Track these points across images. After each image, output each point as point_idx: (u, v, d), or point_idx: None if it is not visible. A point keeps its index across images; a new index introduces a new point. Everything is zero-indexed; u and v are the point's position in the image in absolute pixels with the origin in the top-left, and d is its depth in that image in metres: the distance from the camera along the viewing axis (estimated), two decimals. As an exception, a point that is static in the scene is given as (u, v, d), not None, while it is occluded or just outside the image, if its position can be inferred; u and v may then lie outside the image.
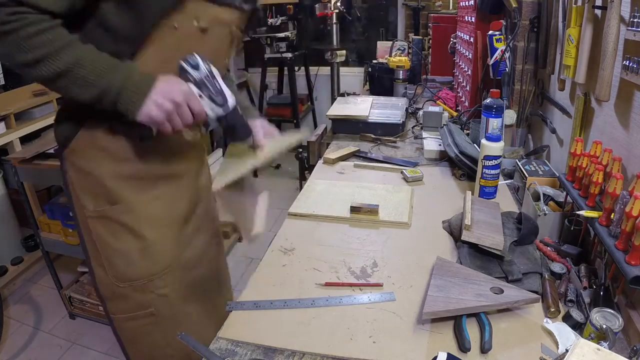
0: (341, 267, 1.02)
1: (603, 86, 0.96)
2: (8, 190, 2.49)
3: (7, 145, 2.36)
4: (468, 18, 2.05)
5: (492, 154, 1.23)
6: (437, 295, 0.85)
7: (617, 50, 0.94)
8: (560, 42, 1.35)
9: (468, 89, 2.00)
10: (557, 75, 1.40)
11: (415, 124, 1.99)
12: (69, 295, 2.21)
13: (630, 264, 0.75)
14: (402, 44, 2.63)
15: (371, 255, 1.06)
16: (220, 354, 0.78)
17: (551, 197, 1.16)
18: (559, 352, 0.76)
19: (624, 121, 0.97)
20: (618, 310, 0.81)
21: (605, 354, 0.62)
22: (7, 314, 2.29)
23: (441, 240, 1.13)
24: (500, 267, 0.97)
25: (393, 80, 2.36)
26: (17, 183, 1.99)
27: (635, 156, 0.93)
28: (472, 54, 1.92)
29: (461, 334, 0.79)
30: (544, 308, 0.87)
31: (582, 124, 1.19)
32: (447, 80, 2.71)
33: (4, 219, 2.47)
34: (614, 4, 0.93)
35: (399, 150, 1.74)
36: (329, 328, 0.84)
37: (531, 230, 1.05)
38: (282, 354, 0.79)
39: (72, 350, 2.09)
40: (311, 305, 0.89)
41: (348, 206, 1.23)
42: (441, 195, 1.37)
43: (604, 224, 0.87)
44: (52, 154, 1.97)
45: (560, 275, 0.95)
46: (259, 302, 0.90)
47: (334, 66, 3.73)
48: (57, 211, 2.06)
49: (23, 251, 2.58)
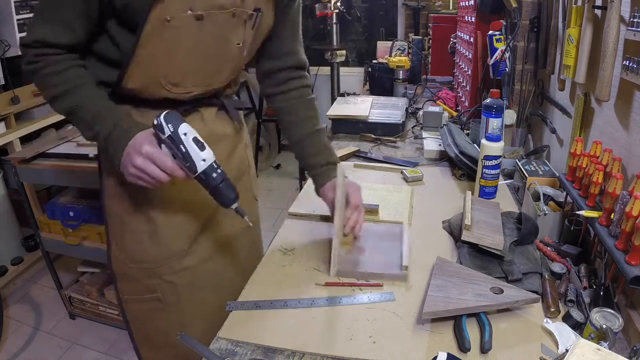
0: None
1: (603, 86, 0.96)
2: (8, 190, 2.49)
3: (7, 145, 2.36)
4: (468, 18, 2.05)
5: (492, 154, 1.23)
6: (437, 295, 0.85)
7: (617, 50, 0.94)
8: (560, 42, 1.35)
9: (468, 89, 2.00)
10: (557, 75, 1.40)
11: (415, 124, 1.99)
12: (69, 295, 2.21)
13: (630, 264, 0.75)
14: (402, 44, 2.63)
15: (371, 255, 1.06)
16: (220, 354, 0.78)
17: (551, 197, 1.16)
18: (559, 352, 0.76)
19: (624, 121, 0.97)
20: (618, 310, 0.81)
21: (605, 354, 0.62)
22: (7, 314, 2.29)
23: (441, 240, 1.13)
24: (500, 267, 0.97)
25: (393, 80, 2.36)
26: (17, 183, 1.99)
27: (635, 156, 0.93)
28: (472, 54, 1.92)
29: (461, 334, 0.79)
30: (544, 308, 0.87)
31: (582, 124, 1.19)
32: (447, 80, 2.71)
33: (4, 219, 2.47)
34: (614, 4, 0.93)
35: (399, 150, 1.74)
36: (329, 328, 0.84)
37: (531, 230, 1.05)
38: (282, 354, 0.79)
39: (72, 350, 2.09)
40: (311, 305, 0.89)
41: (348, 206, 1.23)
42: (441, 195, 1.37)
43: (604, 224, 0.87)
44: (52, 154, 1.98)
45: (560, 275, 0.95)
46: (259, 302, 0.90)
47: (334, 66, 3.72)
48: (57, 211, 2.06)
49: (23, 251, 2.58)
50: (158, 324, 1.10)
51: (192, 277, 1.08)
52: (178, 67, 0.92)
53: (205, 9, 0.87)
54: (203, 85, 0.99)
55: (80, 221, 2.02)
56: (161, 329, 1.10)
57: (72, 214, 2.03)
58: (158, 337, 1.12)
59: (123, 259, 1.05)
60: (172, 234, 1.03)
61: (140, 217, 1.01)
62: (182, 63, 0.92)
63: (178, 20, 0.85)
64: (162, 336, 1.11)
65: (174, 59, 0.90)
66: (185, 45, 0.89)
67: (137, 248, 1.03)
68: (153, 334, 1.12)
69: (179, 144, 0.84)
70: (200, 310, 1.11)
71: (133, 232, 1.02)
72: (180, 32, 0.87)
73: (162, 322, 1.09)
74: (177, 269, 1.05)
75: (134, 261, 1.04)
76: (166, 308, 1.07)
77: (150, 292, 1.05)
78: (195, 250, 1.07)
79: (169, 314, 1.08)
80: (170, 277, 1.05)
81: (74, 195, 2.12)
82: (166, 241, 1.03)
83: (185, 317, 1.10)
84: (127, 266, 1.05)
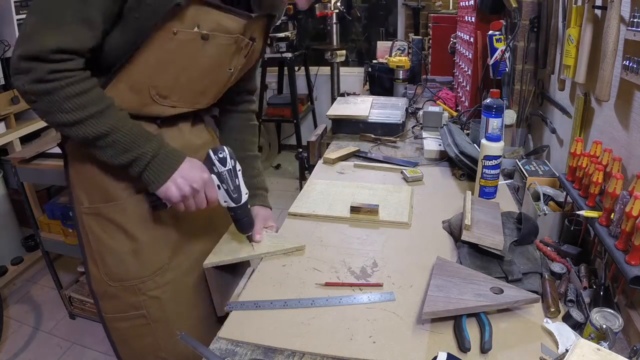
0: (341, 267, 1.02)
1: (603, 86, 0.96)
2: (8, 190, 2.49)
3: (7, 145, 2.36)
4: (468, 18, 2.05)
5: (492, 154, 1.23)
6: (437, 295, 0.85)
7: (617, 50, 0.94)
8: (560, 42, 1.35)
9: (468, 89, 2.00)
10: (557, 75, 1.40)
11: (415, 124, 1.99)
12: (69, 295, 2.21)
13: (630, 264, 0.75)
14: (402, 44, 2.63)
15: (371, 255, 1.06)
16: (220, 354, 0.78)
17: (551, 197, 1.16)
18: (559, 352, 0.76)
19: (624, 121, 0.97)
20: (618, 310, 0.81)
21: (605, 354, 0.62)
22: (7, 314, 2.29)
23: (441, 240, 1.13)
24: (500, 267, 0.97)
25: (393, 80, 2.36)
26: (17, 183, 1.99)
27: (635, 156, 0.93)
28: (472, 54, 1.92)
29: (461, 334, 0.79)
30: (544, 308, 0.87)
31: (582, 124, 1.19)
32: (447, 80, 2.71)
33: (4, 219, 2.47)
34: (614, 4, 0.93)
35: (399, 150, 1.74)
36: (329, 328, 0.84)
37: (531, 230, 1.05)
38: (282, 354, 0.79)
39: (72, 350, 2.09)
40: (311, 305, 0.89)
41: (348, 206, 1.23)
42: (441, 195, 1.37)
43: (604, 224, 0.87)
44: (52, 154, 1.98)
45: (560, 275, 0.95)
46: (259, 302, 0.90)
47: (334, 66, 3.73)
48: (57, 211, 2.06)
49: (23, 251, 2.58)
50: (144, 340, 1.06)
51: (176, 290, 1.05)
52: (169, 80, 0.92)
53: (211, 30, 0.88)
54: (189, 103, 1.00)
55: (80, 221, 2.02)
56: (148, 346, 1.06)
57: (72, 214, 2.03)
58: (146, 354, 1.08)
59: (103, 279, 1.01)
60: (155, 249, 1.01)
61: (120, 237, 0.98)
62: (175, 77, 0.91)
63: (184, 35, 0.85)
64: (151, 352, 1.07)
65: (168, 71, 0.90)
66: (182, 61, 0.90)
67: (120, 268, 0.99)
68: (140, 351, 1.08)
69: (234, 177, 0.95)
70: (187, 322, 1.08)
71: (114, 252, 0.98)
72: (182, 47, 0.87)
73: (148, 339, 1.05)
74: (161, 283, 1.02)
75: (116, 280, 1.00)
76: (152, 324, 1.04)
77: (135, 309, 1.02)
78: (177, 264, 1.05)
79: (155, 329, 1.04)
80: (155, 292, 1.02)
81: (74, 195, 2.12)
82: (150, 257, 1.01)
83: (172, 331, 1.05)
84: (108, 285, 1.01)
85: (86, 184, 0.97)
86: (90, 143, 0.84)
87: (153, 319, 1.03)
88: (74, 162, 0.99)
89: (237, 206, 0.98)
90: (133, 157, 0.86)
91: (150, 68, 0.87)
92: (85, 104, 0.79)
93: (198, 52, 0.90)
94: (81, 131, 0.81)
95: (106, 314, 1.05)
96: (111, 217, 0.97)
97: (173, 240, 1.05)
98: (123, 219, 0.97)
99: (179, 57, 0.88)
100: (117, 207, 0.97)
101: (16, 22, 2.30)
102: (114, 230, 0.98)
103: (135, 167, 0.87)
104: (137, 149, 0.85)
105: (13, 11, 2.28)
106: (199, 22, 0.86)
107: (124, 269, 0.99)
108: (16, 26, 2.31)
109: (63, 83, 0.76)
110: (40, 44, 0.73)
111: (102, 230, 0.98)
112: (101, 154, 0.86)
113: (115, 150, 0.85)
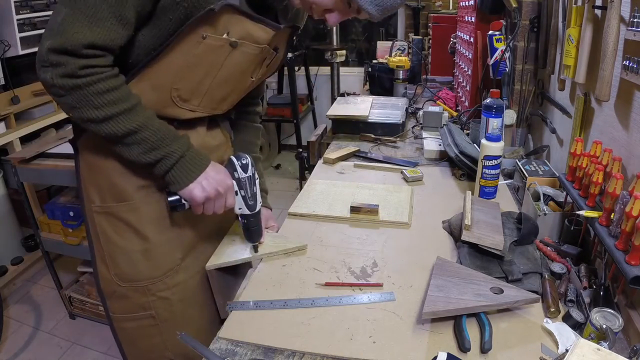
0: (341, 267, 1.02)
1: (603, 86, 0.96)
2: (8, 190, 2.49)
3: (7, 145, 2.36)
4: (468, 18, 2.05)
5: (492, 154, 1.23)
6: (437, 295, 0.85)
7: (617, 50, 0.94)
8: (560, 42, 1.35)
9: (468, 89, 2.00)
10: (557, 75, 1.40)
11: (415, 124, 1.99)
12: (69, 295, 2.21)
13: (630, 264, 0.75)
14: (402, 44, 2.63)
15: (371, 255, 1.06)
16: (220, 354, 0.78)
17: (551, 197, 1.16)
18: (559, 352, 0.76)
19: (624, 121, 0.97)
20: (618, 310, 0.81)
21: (605, 354, 0.62)
22: (7, 314, 2.29)
23: (441, 240, 1.13)
24: (500, 267, 0.97)
25: (393, 80, 2.36)
26: (17, 183, 1.99)
27: (635, 156, 0.93)
28: (472, 54, 1.92)
29: (461, 334, 0.79)
30: (544, 308, 0.87)
31: (582, 124, 1.19)
32: (447, 80, 2.71)
33: (4, 219, 2.47)
34: (614, 4, 0.93)
35: (399, 150, 1.74)
36: (329, 328, 0.84)
37: (531, 230, 1.05)
38: (282, 354, 0.79)
39: (72, 350, 2.09)
40: (311, 305, 0.89)
41: (348, 206, 1.23)
42: (441, 195, 1.37)
43: (604, 224, 0.87)
44: (52, 154, 1.98)
45: (560, 275, 0.95)
46: (259, 302, 0.90)
47: (334, 66, 3.73)
48: (57, 211, 2.06)
49: (23, 251, 2.58)
50: (152, 340, 1.06)
51: (185, 291, 1.06)
52: (192, 84, 0.91)
53: (241, 38, 0.88)
54: (209, 108, 1.00)
55: (80, 221, 2.02)
56: (155, 346, 1.07)
57: (72, 214, 2.03)
58: (153, 354, 1.08)
59: (112, 279, 1.00)
60: (166, 250, 1.01)
61: (131, 236, 0.98)
62: (198, 81, 0.91)
63: (213, 40, 0.85)
64: (157, 352, 1.07)
65: (192, 75, 0.89)
66: (208, 66, 0.89)
67: (131, 268, 0.99)
68: (146, 351, 1.08)
69: (253, 185, 0.97)
70: (194, 324, 1.08)
71: (125, 252, 0.98)
72: (209, 52, 0.87)
73: (156, 339, 1.05)
74: (171, 284, 1.02)
75: (126, 280, 1.00)
76: (160, 324, 1.03)
77: (143, 309, 1.02)
78: (187, 265, 1.05)
79: (163, 330, 1.04)
80: (165, 293, 1.02)
81: (74, 195, 2.12)
82: (161, 258, 1.01)
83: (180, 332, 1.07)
84: (117, 285, 1.00)
85: (98, 182, 0.97)
86: (117, 140, 0.83)
87: (161, 319, 1.03)
88: (86, 160, 0.98)
89: (251, 214, 0.99)
90: (161, 155, 0.85)
91: (175, 69, 0.87)
92: (116, 100, 0.79)
93: (224, 59, 0.89)
94: (110, 128, 0.80)
95: (114, 314, 1.05)
96: (123, 216, 0.97)
97: (184, 242, 1.05)
98: (135, 219, 0.97)
99: (205, 61, 0.88)
100: (129, 206, 0.96)
101: (16, 22, 2.30)
102: (126, 230, 0.98)
103: (162, 165, 0.87)
104: (164, 148, 0.85)
105: (13, 11, 2.28)
106: (230, 29, 0.85)
107: (135, 270, 0.99)
108: (16, 26, 2.30)
109: (94, 79, 0.76)
110: (74, 38, 0.72)
111: (114, 230, 0.98)
112: (128, 151, 0.84)
113: (142, 147, 0.84)
